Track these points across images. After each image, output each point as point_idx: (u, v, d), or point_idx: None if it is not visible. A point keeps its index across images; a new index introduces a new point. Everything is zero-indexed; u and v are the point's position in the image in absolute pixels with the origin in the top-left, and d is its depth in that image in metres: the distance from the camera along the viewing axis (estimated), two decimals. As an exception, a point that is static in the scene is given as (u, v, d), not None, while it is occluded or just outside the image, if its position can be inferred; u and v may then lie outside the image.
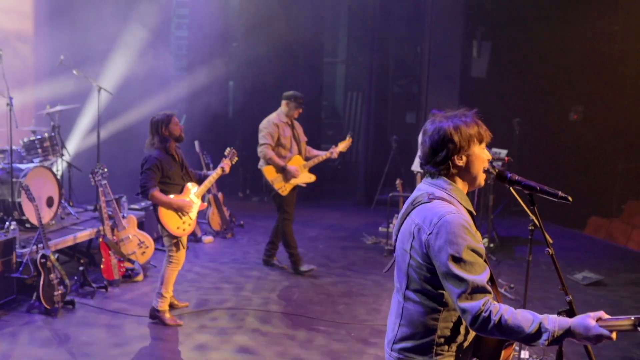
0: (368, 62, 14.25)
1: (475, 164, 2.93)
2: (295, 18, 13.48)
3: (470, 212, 2.94)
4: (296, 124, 8.87)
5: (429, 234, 2.77)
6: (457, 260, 2.69)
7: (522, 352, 5.90)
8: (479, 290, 2.68)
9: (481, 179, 2.98)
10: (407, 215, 2.96)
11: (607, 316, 2.64)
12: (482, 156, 2.94)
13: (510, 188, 3.10)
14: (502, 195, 10.40)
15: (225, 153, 7.36)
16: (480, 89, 13.05)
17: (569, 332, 2.62)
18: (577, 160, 12.67)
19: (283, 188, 8.57)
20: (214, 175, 7.08)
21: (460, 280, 2.69)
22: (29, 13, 10.06)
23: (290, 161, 8.56)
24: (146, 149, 6.80)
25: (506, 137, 11.33)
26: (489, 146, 3.02)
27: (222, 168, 7.14)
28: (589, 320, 2.61)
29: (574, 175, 12.36)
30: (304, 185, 8.80)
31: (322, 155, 8.79)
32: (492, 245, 10.00)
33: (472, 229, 2.78)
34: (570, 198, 2.95)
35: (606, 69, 12.23)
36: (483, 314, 2.66)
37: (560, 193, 2.97)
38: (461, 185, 2.97)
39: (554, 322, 2.63)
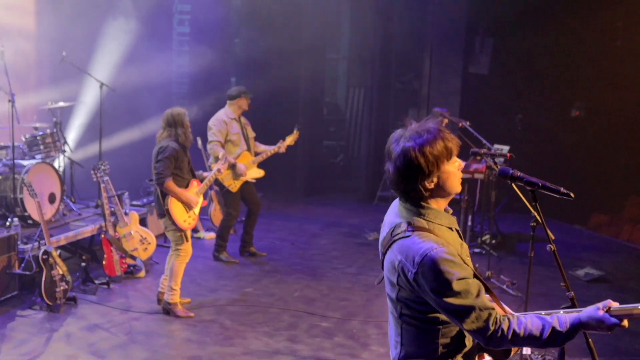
0: (370, 58, 14.22)
1: (448, 182, 2.82)
2: (298, 14, 13.44)
3: (453, 228, 2.89)
4: (244, 120, 9.04)
5: (415, 273, 2.70)
6: (451, 294, 2.65)
7: (524, 349, 5.89)
8: (481, 310, 2.66)
9: (457, 190, 2.87)
10: (389, 246, 2.86)
11: (615, 304, 2.63)
12: (454, 171, 2.83)
13: (512, 184, 3.09)
14: (504, 191, 10.36)
15: (220, 156, 7.75)
16: (482, 85, 13.02)
17: (580, 327, 2.62)
18: (579, 156, 12.63)
19: (233, 185, 8.75)
20: (212, 175, 7.35)
21: (461, 310, 2.66)
22: (31, 9, 10.03)
23: (239, 158, 8.72)
24: (161, 140, 6.88)
25: (508, 133, 11.31)
26: (492, 142, 3.02)
27: (219, 170, 7.37)
28: (599, 311, 2.61)
29: (576, 171, 12.32)
30: (253, 180, 8.98)
31: (270, 150, 8.98)
32: (494, 241, 9.98)
33: (456, 258, 2.70)
34: (572, 194, 2.95)
35: (608, 65, 12.19)
36: (495, 334, 2.65)
37: (562, 189, 2.97)
38: (436, 204, 2.86)
39: (565, 322, 2.63)
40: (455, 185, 2.84)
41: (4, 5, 9.38)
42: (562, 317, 2.65)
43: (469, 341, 2.87)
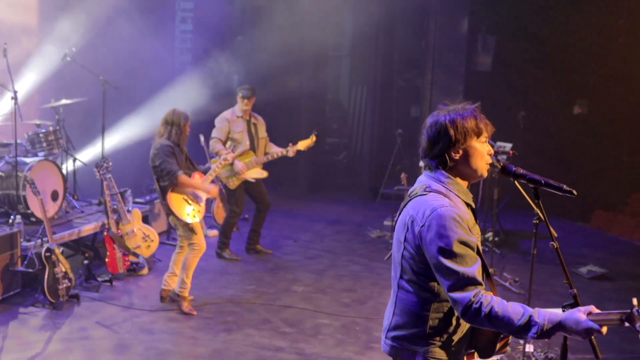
0: (373, 55, 14.21)
1: (473, 158, 2.94)
2: (300, 11, 13.43)
3: (470, 205, 2.97)
4: (258, 120, 9.01)
5: (422, 226, 2.82)
6: (448, 253, 2.74)
7: (527, 346, 5.89)
8: (469, 281, 2.74)
9: (482, 171, 2.98)
10: (404, 207, 3.01)
11: (597, 310, 2.67)
12: (480, 150, 2.95)
13: (515, 182, 3.10)
14: (506, 188, 10.31)
15: (222, 152, 7.92)
16: (484, 82, 13.00)
17: (559, 326, 2.65)
18: (581, 154, 12.63)
19: (231, 182, 8.76)
20: (219, 164, 7.63)
21: (451, 272, 2.74)
22: (34, 6, 10.04)
23: (241, 156, 8.67)
24: (157, 138, 6.94)
25: (511, 131, 11.28)
26: (494, 140, 3.03)
27: (226, 158, 7.60)
28: (579, 314, 2.64)
29: (579, 168, 12.33)
30: (253, 180, 8.88)
31: (278, 151, 8.86)
32: (496, 239, 9.97)
33: (464, 222, 2.80)
34: (574, 191, 2.97)
35: (611, 62, 12.19)
36: (474, 305, 2.71)
37: (564, 186, 2.98)
38: (460, 178, 2.98)
39: (544, 316, 2.66)
40: (480, 164, 2.96)
41: (7, 2, 9.39)
42: (543, 311, 2.69)
43: (455, 324, 2.94)
